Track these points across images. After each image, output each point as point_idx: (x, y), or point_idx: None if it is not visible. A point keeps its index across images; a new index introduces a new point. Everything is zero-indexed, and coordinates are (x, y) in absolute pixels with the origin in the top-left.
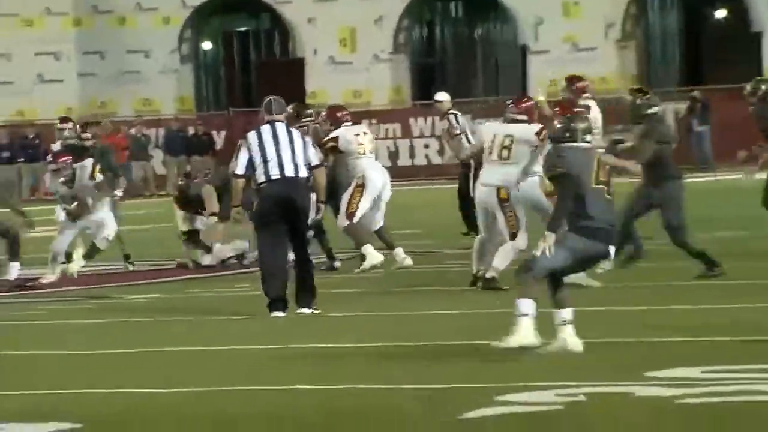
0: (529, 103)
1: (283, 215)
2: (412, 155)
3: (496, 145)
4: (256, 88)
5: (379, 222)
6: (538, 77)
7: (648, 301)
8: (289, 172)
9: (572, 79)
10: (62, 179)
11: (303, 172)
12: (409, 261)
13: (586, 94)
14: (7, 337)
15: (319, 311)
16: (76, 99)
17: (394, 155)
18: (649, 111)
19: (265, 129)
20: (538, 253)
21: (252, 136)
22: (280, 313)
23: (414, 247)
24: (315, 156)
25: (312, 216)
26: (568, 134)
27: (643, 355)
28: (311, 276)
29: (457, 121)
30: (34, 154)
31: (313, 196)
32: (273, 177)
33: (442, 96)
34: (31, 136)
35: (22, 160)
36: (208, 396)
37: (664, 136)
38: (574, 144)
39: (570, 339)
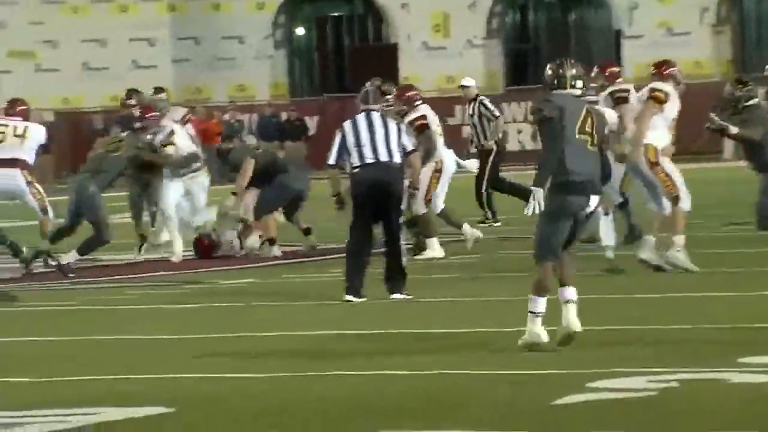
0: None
1: (375, 200)
2: (504, 141)
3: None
4: (350, 74)
5: (440, 205)
6: (633, 62)
7: (741, 287)
8: (384, 156)
9: (605, 65)
10: (149, 136)
11: (397, 158)
12: (478, 233)
13: (620, 80)
14: (99, 322)
15: (411, 296)
16: (170, 85)
17: None
18: (749, 103)
19: (360, 117)
20: (528, 213)
21: (347, 123)
22: (354, 299)
23: (504, 233)
24: (410, 141)
25: (404, 203)
26: (556, 81)
27: (737, 342)
28: (401, 261)
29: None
30: None
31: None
32: (367, 161)
33: (469, 81)
34: None
35: None
36: (301, 381)
37: (764, 120)
38: (564, 91)
39: (570, 319)
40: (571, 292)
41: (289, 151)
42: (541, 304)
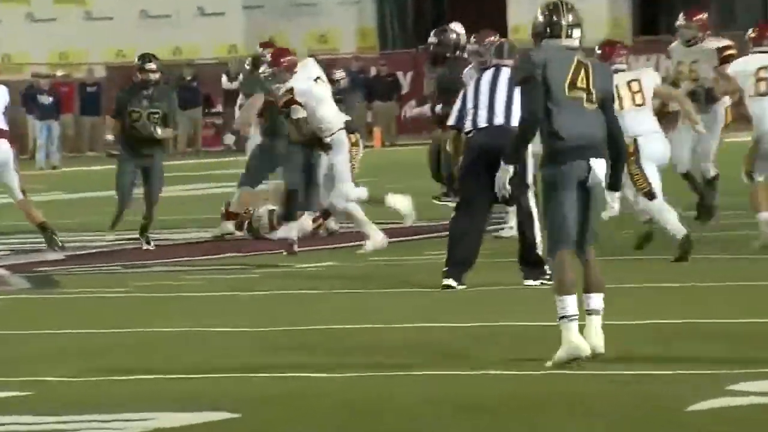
0: None
1: (488, 169)
2: None
3: None
4: (449, 22)
5: None
6: None
7: None
8: (499, 120)
9: (692, 12)
10: (277, 86)
11: (516, 121)
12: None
13: (708, 31)
14: (155, 311)
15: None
16: (240, 35)
17: None
18: None
19: (487, 74)
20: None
21: (472, 82)
22: (452, 282)
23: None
24: None
25: (530, 172)
26: (549, 29)
27: None
28: (534, 242)
29: None
30: (190, 97)
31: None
32: (480, 125)
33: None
34: (189, 78)
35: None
36: (380, 381)
37: None
38: (558, 40)
39: (592, 337)
40: (596, 301)
41: (378, 113)
42: (570, 304)
